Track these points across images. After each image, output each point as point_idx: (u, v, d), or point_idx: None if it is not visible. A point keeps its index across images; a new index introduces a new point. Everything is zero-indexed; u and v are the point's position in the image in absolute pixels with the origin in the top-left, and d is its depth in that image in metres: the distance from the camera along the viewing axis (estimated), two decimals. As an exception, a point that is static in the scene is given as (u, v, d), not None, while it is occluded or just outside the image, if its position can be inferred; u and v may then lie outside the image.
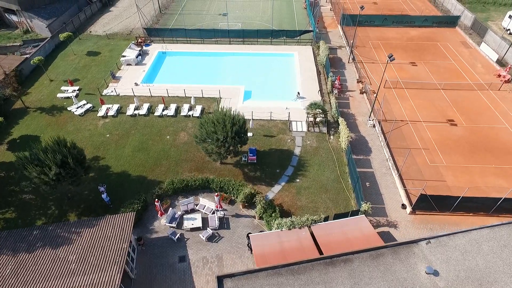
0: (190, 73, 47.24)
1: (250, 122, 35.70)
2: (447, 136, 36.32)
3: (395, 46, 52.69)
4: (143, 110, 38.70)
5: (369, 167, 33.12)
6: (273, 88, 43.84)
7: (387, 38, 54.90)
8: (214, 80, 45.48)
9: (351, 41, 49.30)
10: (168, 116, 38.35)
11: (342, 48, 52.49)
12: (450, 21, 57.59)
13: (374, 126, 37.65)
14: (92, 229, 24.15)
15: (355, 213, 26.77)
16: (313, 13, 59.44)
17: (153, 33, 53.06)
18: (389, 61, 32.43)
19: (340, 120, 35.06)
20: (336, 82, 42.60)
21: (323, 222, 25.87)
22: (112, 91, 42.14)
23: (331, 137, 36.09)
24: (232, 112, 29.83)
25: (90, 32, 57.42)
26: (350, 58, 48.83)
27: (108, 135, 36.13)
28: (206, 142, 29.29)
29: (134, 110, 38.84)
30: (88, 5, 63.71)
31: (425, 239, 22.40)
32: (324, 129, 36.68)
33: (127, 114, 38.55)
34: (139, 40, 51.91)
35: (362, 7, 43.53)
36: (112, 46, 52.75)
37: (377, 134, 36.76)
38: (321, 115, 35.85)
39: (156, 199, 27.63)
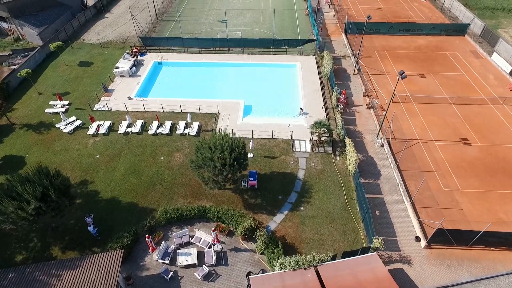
0: (187, 86, 44.82)
1: (251, 143, 33.29)
2: (461, 157, 33.90)
3: (402, 56, 50.26)
4: (136, 128, 36.27)
5: (379, 192, 30.69)
6: (274, 102, 41.40)
7: (394, 47, 52.47)
8: (212, 93, 43.12)
9: (357, 52, 46.84)
10: (163, 134, 35.92)
11: (346, 58, 50.06)
12: (459, 29, 55.17)
13: (382, 145, 35.24)
14: (74, 271, 21.73)
15: (365, 250, 24.35)
16: (316, 20, 57.06)
17: (149, 42, 50.64)
18: (400, 78, 30.03)
19: (347, 140, 32.63)
20: (341, 97, 40.18)
21: (330, 262, 23.44)
22: (103, 106, 39.70)
23: (337, 158, 33.67)
24: (230, 135, 27.44)
25: (83, 40, 54.98)
26: (356, 70, 46.40)
27: (98, 156, 33.70)
28: (202, 168, 26.87)
29: (127, 128, 36.41)
30: (82, 11, 61.28)
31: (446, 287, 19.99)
32: (330, 149, 34.24)
33: (119, 132, 36.11)
34: (134, 50, 49.49)
35: (369, 17, 41.11)
36: (106, 55, 50.31)
37: (386, 154, 34.33)
38: (326, 135, 33.42)
39: (147, 235, 25.18)
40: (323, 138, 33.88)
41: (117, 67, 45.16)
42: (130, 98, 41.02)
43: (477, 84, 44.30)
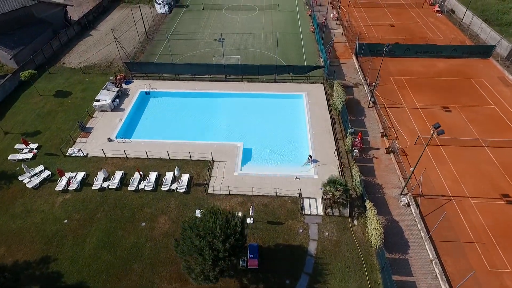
0: (177, 123, 38.97)
1: (251, 209, 27.44)
2: (505, 222, 28.10)
3: (422, 83, 44.44)
4: (114, 182, 30.43)
5: (408, 273, 24.89)
6: (278, 144, 35.58)
7: (411, 73, 46.64)
8: (206, 131, 37.34)
9: (371, 79, 41.04)
10: (146, 190, 30.07)
11: (359, 86, 44.25)
12: (483, 51, 49.42)
13: (408, 204, 29.43)
14: None
15: None
16: (322, 38, 51.27)
17: (135, 68, 44.79)
18: (436, 134, 24.34)
19: (368, 205, 26.78)
20: (357, 140, 34.39)
21: None
22: (78, 151, 33.85)
23: (355, 222, 27.87)
24: (226, 213, 21.64)
25: (63, 63, 49.10)
26: (371, 102, 40.60)
27: (65, 221, 27.84)
28: (190, 256, 21.06)
29: (103, 182, 30.56)
30: (65, 29, 55.42)
31: None
32: (346, 212, 28.43)
33: (93, 187, 30.23)
34: (118, 77, 43.63)
35: (388, 46, 35.27)
36: (87, 83, 44.46)
37: (414, 217, 28.52)
38: (342, 197, 27.60)
39: None
40: (338, 198, 28.05)
41: (97, 100, 39.31)
42: (110, 140, 35.18)
43: (510, 119, 38.57)
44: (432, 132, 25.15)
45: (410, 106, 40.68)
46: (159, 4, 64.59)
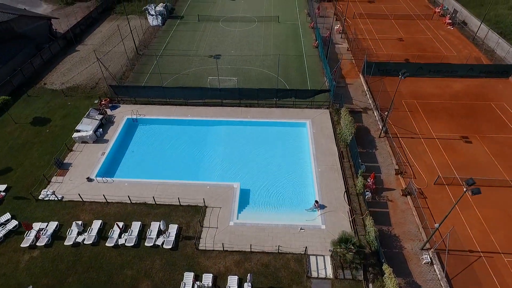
0: (167, 156, 34.89)
1: (248, 277, 23.34)
2: (545, 286, 24.09)
3: (437, 108, 40.40)
4: (90, 235, 26.33)
5: None
6: (279, 184, 31.53)
7: (425, 95, 42.58)
8: (198, 168, 33.29)
9: (386, 112, 37.01)
10: (127, 246, 25.95)
11: (368, 111, 40.19)
12: (502, 70, 45.43)
13: (431, 263, 25.36)
14: None
15: None
16: (327, 55, 47.24)
17: (122, 91, 40.70)
18: (470, 193, 20.31)
19: (387, 271, 22.67)
20: (369, 181, 30.33)
21: None
22: (52, 194, 29.73)
23: (370, 286, 23.79)
24: None
25: (44, 84, 44.98)
26: (382, 132, 36.55)
27: (30, 287, 23.73)
28: None
29: (78, 236, 26.45)
30: (49, 44, 51.30)
31: None
32: (360, 274, 24.35)
33: (66, 242, 26.11)
34: (103, 102, 39.54)
35: (403, 73, 31.19)
36: (69, 108, 40.36)
37: (439, 279, 24.46)
38: (356, 261, 23.53)
39: None
40: (351, 261, 23.97)
41: (78, 131, 35.19)
42: (89, 180, 31.08)
43: (539, 153, 34.61)
44: (464, 189, 21.05)
45: (426, 135, 36.64)
46: (152, 15, 60.51)
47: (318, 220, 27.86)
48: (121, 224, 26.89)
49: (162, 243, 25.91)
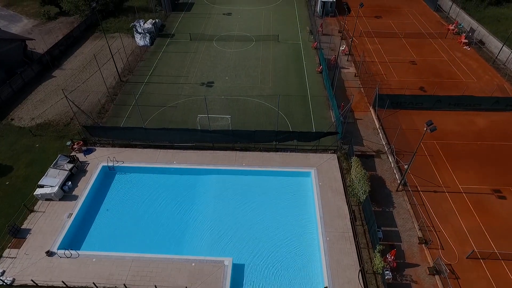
0: (146, 218, 29.49)
1: None
2: None
3: (460, 151, 35.08)
4: None
5: None
6: (279, 259, 26.12)
7: (446, 134, 37.22)
8: (183, 236, 27.91)
9: (406, 166, 31.69)
10: None
11: (381, 155, 34.85)
12: (531, 103, 40.23)
13: None
14: None
15: None
16: (333, 86, 41.95)
17: (98, 133, 35.31)
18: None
19: None
20: (388, 257, 25.00)
21: None
22: (2, 274, 24.32)
23: None
24: None
25: (11, 120, 39.56)
26: (400, 185, 31.20)
27: None
28: None
29: None
30: (21, 70, 45.84)
31: None
32: None
33: None
34: (75, 146, 34.14)
35: (431, 126, 25.84)
36: (36, 152, 34.97)
37: None
38: None
39: None
40: None
41: (41, 186, 29.78)
42: (50, 254, 25.64)
43: None
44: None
45: (451, 188, 31.31)
46: (140, 33, 55.13)
47: (328, 314, 22.56)
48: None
49: None
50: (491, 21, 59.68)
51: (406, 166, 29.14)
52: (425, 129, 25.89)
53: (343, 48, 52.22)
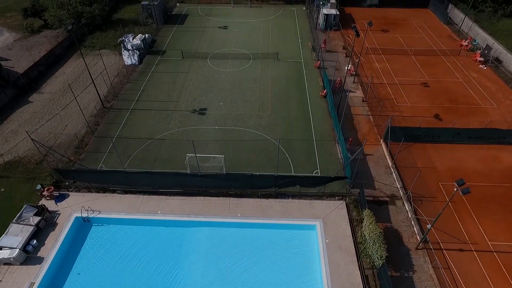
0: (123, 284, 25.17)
1: None
2: None
3: (486, 196, 30.75)
4: None
5: None
6: None
7: (467, 174, 32.88)
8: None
9: (429, 226, 27.34)
10: None
11: (396, 201, 30.52)
12: (562, 136, 35.96)
13: None
14: None
15: None
16: (341, 115, 37.68)
17: (72, 176, 30.93)
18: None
19: None
20: None
21: None
22: None
23: None
24: None
25: (-23, 157, 35.27)
26: (421, 242, 26.81)
27: None
28: None
29: None
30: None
31: None
32: None
33: None
34: (44, 193, 29.74)
35: (462, 185, 21.51)
36: (0, 199, 30.59)
37: None
38: None
39: None
40: None
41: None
42: None
43: None
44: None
45: (479, 246, 26.98)
46: (129, 50, 50.80)
47: None
48: None
49: None
50: (505, 35, 55.51)
51: (428, 226, 24.77)
52: (455, 189, 21.55)
53: (348, 68, 47.86)
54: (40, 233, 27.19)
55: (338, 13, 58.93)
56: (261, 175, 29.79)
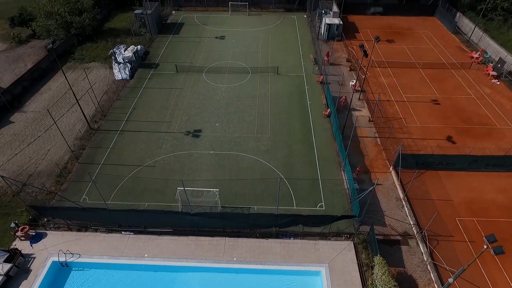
0: None
1: None
2: None
3: (509, 234, 27.85)
4: None
5: None
6: None
7: (487, 207, 29.91)
8: None
9: (451, 280, 24.38)
10: None
11: (409, 240, 27.53)
12: None
13: None
14: None
15: None
16: (343, 132, 34.80)
17: (50, 213, 27.94)
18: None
19: None
20: None
21: None
22: None
23: None
24: None
25: (-50, 187, 32.24)
26: (438, 285, 23.91)
27: None
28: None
29: None
30: (-26, 114, 38.59)
31: None
32: None
33: None
34: (18, 234, 26.75)
35: (498, 251, 18.58)
36: (-29, 238, 27.63)
37: None
38: None
39: None
40: None
41: (-36, 302, 22.43)
42: None
43: None
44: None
45: (505, 296, 24.07)
46: (120, 63, 47.85)
47: None
48: None
49: None
50: (516, 46, 52.63)
51: (450, 279, 21.79)
52: (484, 246, 18.59)
53: (353, 84, 45.00)
54: (10, 283, 24.19)
55: (341, 22, 55.98)
56: (260, 214, 26.79)
